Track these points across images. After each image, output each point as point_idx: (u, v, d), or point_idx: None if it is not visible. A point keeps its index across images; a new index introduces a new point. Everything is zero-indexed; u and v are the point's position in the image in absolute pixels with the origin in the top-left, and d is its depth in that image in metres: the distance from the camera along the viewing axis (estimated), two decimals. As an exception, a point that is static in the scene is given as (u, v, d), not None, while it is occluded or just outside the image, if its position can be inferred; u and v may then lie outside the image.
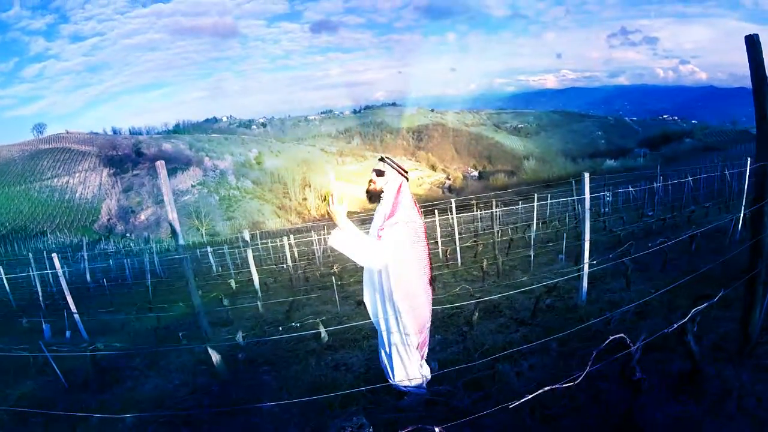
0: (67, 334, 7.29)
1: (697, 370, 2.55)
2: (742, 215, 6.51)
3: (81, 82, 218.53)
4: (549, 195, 13.02)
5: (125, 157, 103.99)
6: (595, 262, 4.60)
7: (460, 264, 9.55)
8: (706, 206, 11.89)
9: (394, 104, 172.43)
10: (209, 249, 19.83)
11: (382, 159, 2.96)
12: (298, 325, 4.84)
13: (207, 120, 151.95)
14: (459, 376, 3.06)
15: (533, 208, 13.03)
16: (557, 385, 1.68)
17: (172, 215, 3.86)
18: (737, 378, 2.56)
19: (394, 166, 2.91)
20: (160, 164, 3.93)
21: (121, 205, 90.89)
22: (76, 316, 7.36)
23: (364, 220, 7.04)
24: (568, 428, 2.37)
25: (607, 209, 16.50)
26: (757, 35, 2.80)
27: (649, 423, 2.24)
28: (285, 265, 13.59)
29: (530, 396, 1.62)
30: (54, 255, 8.46)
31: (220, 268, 19.02)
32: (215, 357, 3.91)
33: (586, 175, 4.60)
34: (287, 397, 3.30)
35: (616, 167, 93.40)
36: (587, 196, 4.45)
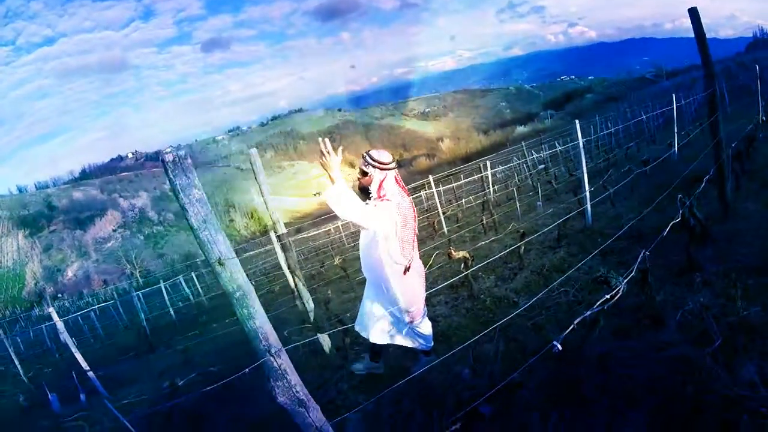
0: (82, 397, 6.52)
1: (707, 233, 3.80)
2: (676, 140, 8.20)
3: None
4: (489, 164, 14.43)
5: (38, 215, 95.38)
6: (592, 189, 5.88)
7: (446, 231, 10.71)
8: (630, 146, 13.95)
9: (300, 110, 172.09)
10: (181, 278, 19.63)
11: (363, 156, 3.04)
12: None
13: (112, 159, 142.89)
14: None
15: (483, 178, 14.49)
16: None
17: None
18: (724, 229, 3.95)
19: (372, 162, 2.96)
20: (255, 154, 4.05)
21: (44, 266, 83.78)
22: (90, 373, 6.75)
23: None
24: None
25: (548, 164, 18.58)
26: (695, 8, 4.05)
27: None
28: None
29: (614, 293, 2.70)
30: (51, 309, 7.62)
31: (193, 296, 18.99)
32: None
33: (577, 122, 5.93)
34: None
35: (527, 132, 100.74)
36: (580, 137, 5.75)
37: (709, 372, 1.92)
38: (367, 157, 2.98)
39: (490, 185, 14.26)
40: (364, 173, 2.99)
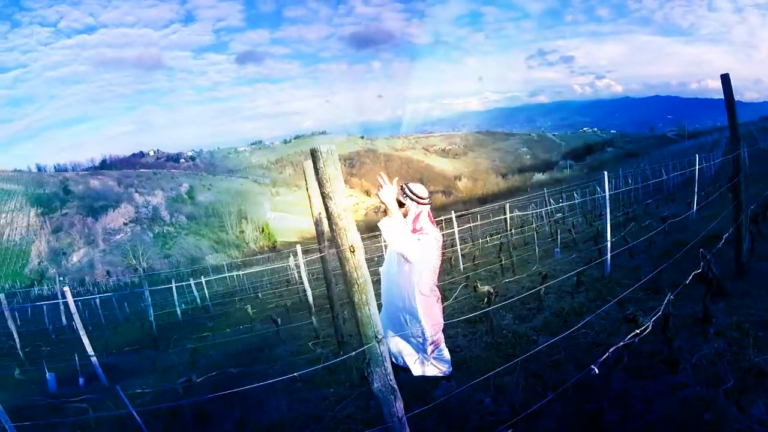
0: (81, 381, 6.47)
1: (722, 288, 3.97)
2: (695, 200, 8.41)
3: (2, 117, 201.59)
4: (508, 206, 14.65)
5: (53, 196, 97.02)
6: (614, 240, 6.07)
7: (462, 269, 10.87)
8: (648, 202, 14.12)
9: (323, 133, 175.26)
10: (192, 281, 19.87)
11: (401, 188, 3.10)
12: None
13: (134, 155, 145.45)
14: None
15: (501, 220, 14.69)
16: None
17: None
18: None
19: (411, 195, 3.06)
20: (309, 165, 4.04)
21: (51, 247, 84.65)
22: (94, 359, 6.66)
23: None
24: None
25: (566, 213, 18.75)
26: (727, 75, 4.33)
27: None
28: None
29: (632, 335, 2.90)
30: (66, 288, 7.56)
31: (200, 300, 19.18)
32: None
33: (605, 173, 6.18)
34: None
35: (545, 180, 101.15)
36: (607, 188, 6.01)
37: (722, 409, 2.11)
38: (407, 189, 3.07)
39: (508, 228, 14.44)
40: (401, 204, 3.05)
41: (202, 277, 21.48)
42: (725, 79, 4.31)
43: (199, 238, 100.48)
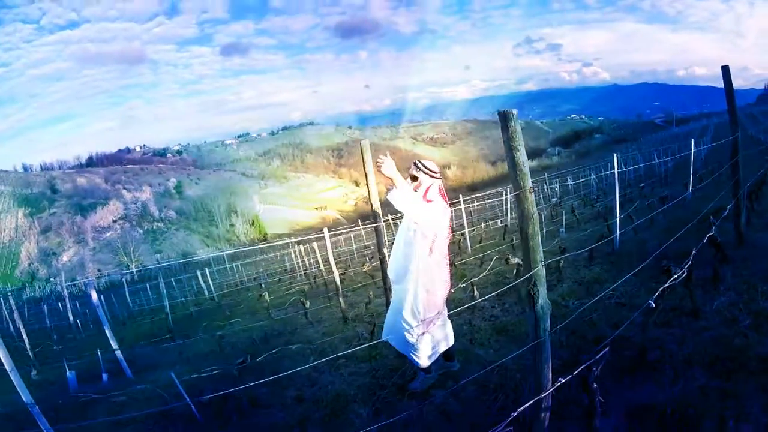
0: (104, 376, 6.29)
1: (725, 254, 4.46)
2: (691, 182, 8.96)
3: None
4: (507, 189, 15.19)
5: (40, 195, 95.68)
6: (621, 216, 6.58)
7: (470, 251, 11.35)
8: (642, 185, 14.70)
9: (311, 123, 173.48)
10: (199, 272, 20.19)
11: (414, 164, 3.28)
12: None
13: (120, 150, 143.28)
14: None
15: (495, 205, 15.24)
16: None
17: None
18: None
19: (424, 169, 3.23)
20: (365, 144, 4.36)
21: (41, 247, 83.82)
22: (118, 352, 6.47)
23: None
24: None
25: (560, 197, 19.40)
26: (727, 66, 4.81)
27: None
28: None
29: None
30: (93, 293, 6.93)
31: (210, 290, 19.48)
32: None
33: (615, 155, 6.71)
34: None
35: (535, 166, 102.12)
36: (616, 167, 6.51)
37: (744, 340, 2.60)
38: (419, 164, 3.25)
39: (508, 212, 15.01)
40: (414, 178, 3.25)
41: (206, 268, 21.73)
42: (725, 70, 4.79)
43: (190, 233, 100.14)
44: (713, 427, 2.12)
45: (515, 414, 1.69)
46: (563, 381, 1.91)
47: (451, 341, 3.55)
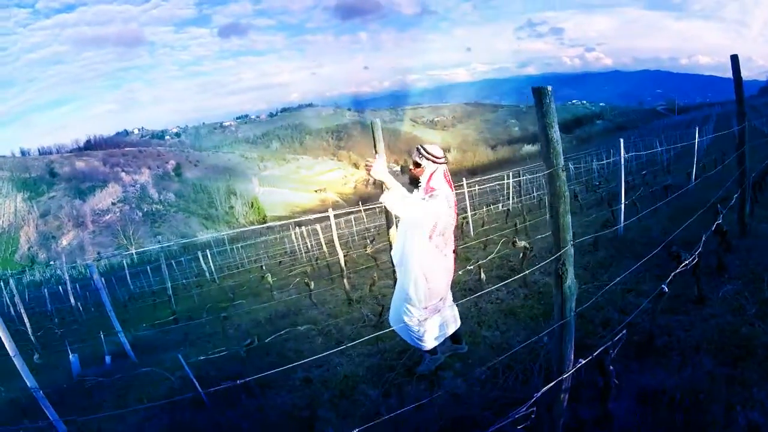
0: (107, 359, 6.27)
1: (729, 244, 4.50)
2: (694, 171, 8.96)
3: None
4: (510, 174, 15.19)
5: (39, 179, 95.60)
6: (626, 202, 6.59)
7: (473, 234, 11.37)
8: (644, 173, 14.70)
9: (310, 105, 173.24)
10: (200, 253, 20.29)
11: (417, 149, 3.18)
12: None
13: (118, 133, 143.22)
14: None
15: (500, 186, 15.22)
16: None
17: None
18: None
19: (427, 155, 3.11)
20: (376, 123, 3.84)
21: (40, 231, 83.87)
22: (121, 335, 6.44)
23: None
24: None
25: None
26: (736, 56, 4.76)
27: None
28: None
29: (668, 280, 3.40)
30: (96, 276, 6.65)
31: (209, 273, 19.60)
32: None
33: (621, 140, 6.67)
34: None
35: (534, 151, 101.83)
36: (622, 153, 6.47)
37: (750, 329, 2.64)
38: (422, 150, 3.13)
39: (511, 196, 15.05)
40: (417, 164, 3.14)
41: (207, 250, 21.79)
42: (734, 59, 4.75)
43: (189, 216, 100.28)
44: (721, 413, 2.16)
45: (538, 395, 1.71)
46: (583, 362, 1.93)
47: (458, 323, 3.57)
